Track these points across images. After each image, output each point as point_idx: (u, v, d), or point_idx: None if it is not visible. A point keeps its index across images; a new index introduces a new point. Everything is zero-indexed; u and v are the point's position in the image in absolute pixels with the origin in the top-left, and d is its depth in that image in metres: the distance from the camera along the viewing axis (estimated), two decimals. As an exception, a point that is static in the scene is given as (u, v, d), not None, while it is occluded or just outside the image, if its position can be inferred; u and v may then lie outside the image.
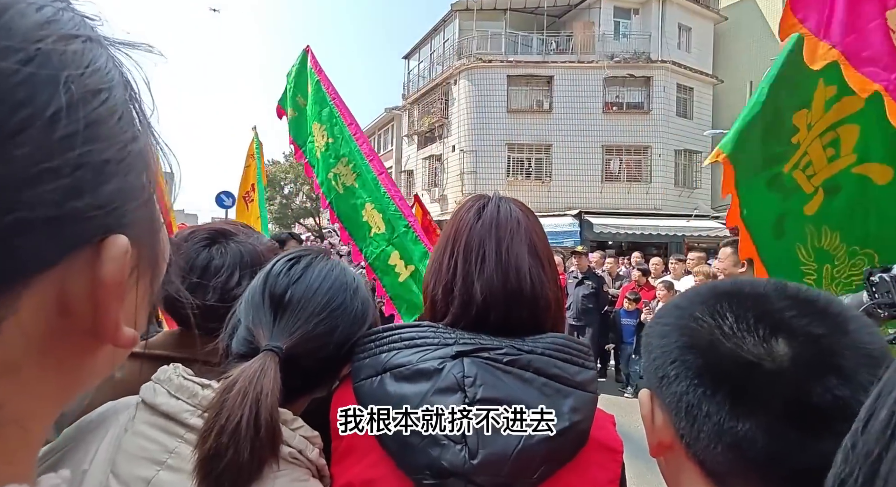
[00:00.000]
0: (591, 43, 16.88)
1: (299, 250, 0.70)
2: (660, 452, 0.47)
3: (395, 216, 2.53)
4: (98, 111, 0.23)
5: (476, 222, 0.69)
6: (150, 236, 0.29)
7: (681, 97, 17.07)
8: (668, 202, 16.49)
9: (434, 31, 19.70)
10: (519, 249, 0.67)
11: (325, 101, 2.77)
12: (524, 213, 0.72)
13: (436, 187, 18.83)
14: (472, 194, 0.77)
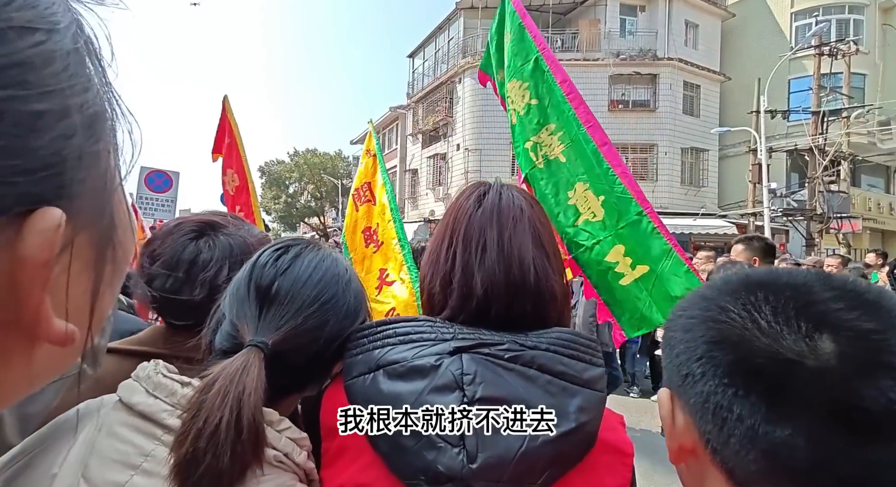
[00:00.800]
0: (596, 40, 16.76)
1: (288, 240, 0.66)
2: (681, 458, 0.42)
3: (624, 200, 1.89)
4: (27, 53, 0.19)
5: (476, 209, 0.65)
6: (101, 215, 0.24)
7: (687, 95, 16.92)
8: (675, 201, 16.36)
9: (439, 29, 19.66)
10: (522, 238, 0.63)
11: (528, 52, 2.16)
12: (527, 201, 0.68)
13: (440, 186, 18.80)
14: (475, 183, 0.72)
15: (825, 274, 0.39)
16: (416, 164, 21.26)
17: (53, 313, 0.22)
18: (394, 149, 24.88)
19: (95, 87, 0.23)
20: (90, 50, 0.23)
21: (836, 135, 13.16)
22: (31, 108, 0.20)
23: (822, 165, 12.75)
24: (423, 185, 20.43)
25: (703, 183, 17.05)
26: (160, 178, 12.31)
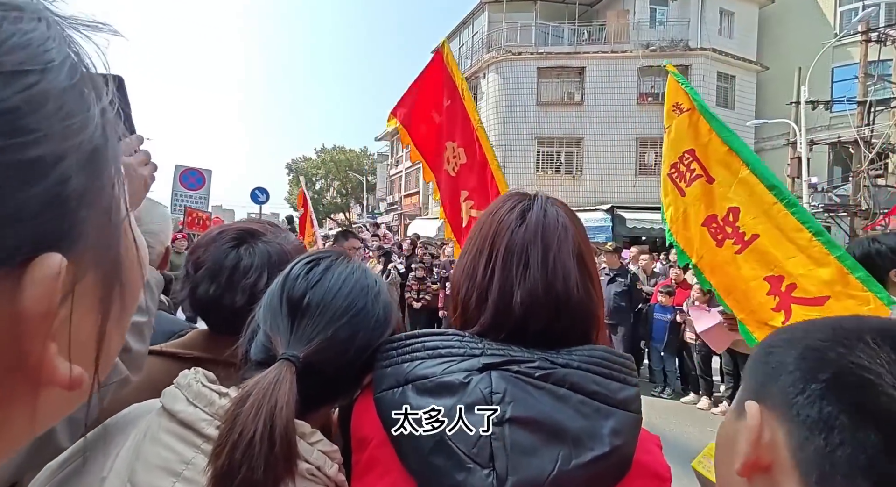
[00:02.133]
0: (625, 32, 16.31)
1: (319, 253, 0.67)
2: (752, 472, 0.41)
3: None
4: (17, 98, 0.18)
5: (519, 225, 0.64)
6: (107, 253, 0.24)
7: (721, 86, 16.29)
8: (707, 196, 15.83)
9: (463, 24, 19.53)
10: (566, 258, 0.62)
11: None
12: (570, 218, 0.66)
13: (464, 182, 18.75)
14: (514, 193, 0.71)
15: None
16: (440, 160, 21.25)
17: (59, 357, 0.21)
18: (418, 145, 24.91)
19: (95, 120, 0.22)
20: (89, 81, 0.22)
21: (883, 126, 12.43)
22: (24, 156, 0.19)
23: (867, 157, 12.07)
24: (447, 181, 20.44)
25: (738, 178, 16.42)
26: (193, 175, 12.72)
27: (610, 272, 5.42)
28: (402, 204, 26.90)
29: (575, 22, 17.11)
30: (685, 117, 2.04)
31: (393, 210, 28.60)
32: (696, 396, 5.00)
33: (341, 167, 33.63)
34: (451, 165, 2.45)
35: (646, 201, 15.55)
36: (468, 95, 2.34)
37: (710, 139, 1.90)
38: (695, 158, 1.93)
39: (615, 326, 5.33)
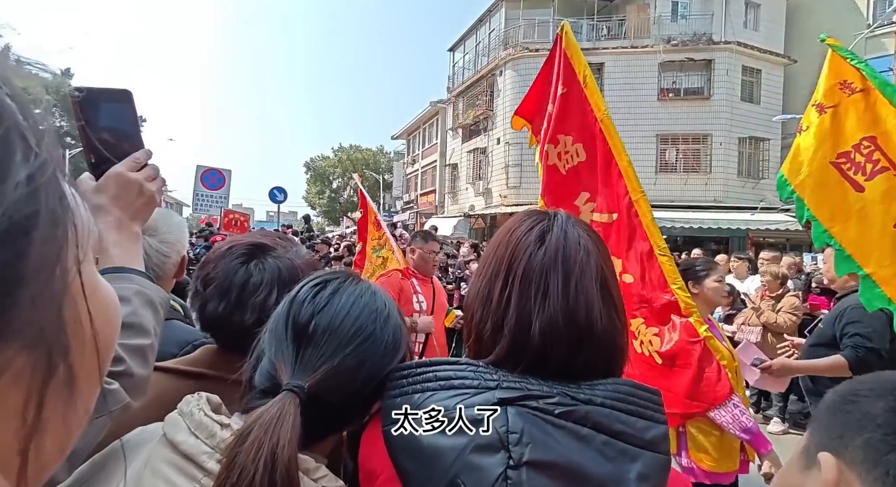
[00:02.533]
0: (645, 26, 15.96)
1: (327, 274, 0.64)
2: None
3: None
4: None
5: (537, 248, 0.59)
6: (41, 332, 0.19)
7: (746, 80, 15.81)
8: (731, 194, 15.41)
9: (479, 21, 19.40)
10: (588, 286, 0.57)
11: None
12: (593, 241, 0.61)
13: (480, 181, 18.66)
14: (532, 212, 0.66)
15: None
16: (457, 158, 21.20)
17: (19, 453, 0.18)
18: (434, 144, 24.92)
19: (23, 184, 0.19)
20: (18, 139, 0.19)
21: (920, 120, 11.89)
22: None
23: (902, 154, 11.55)
24: (463, 179, 20.36)
25: (763, 175, 15.92)
26: (214, 175, 12.95)
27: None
28: (419, 203, 26.94)
29: (594, 17, 16.82)
30: (859, 98, 1.71)
31: (409, 209, 28.67)
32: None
33: (358, 166, 33.84)
34: (562, 163, 2.09)
35: (666, 199, 15.21)
36: (591, 82, 2.01)
37: None
38: (877, 148, 1.61)
39: (635, 329, 5.22)
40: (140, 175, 0.67)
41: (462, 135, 20.51)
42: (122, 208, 0.65)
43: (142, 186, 0.67)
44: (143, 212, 0.68)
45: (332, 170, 34.93)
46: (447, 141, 22.87)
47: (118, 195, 0.65)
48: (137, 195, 0.67)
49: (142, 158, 0.68)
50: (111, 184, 0.65)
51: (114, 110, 0.68)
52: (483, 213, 17.98)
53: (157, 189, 0.69)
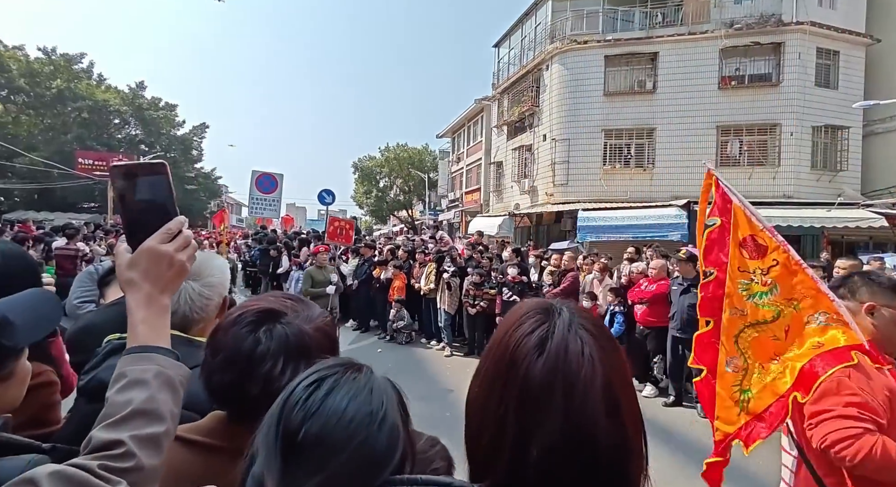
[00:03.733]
0: (704, 10, 14.93)
1: (325, 368, 0.60)
2: None
3: None
4: None
5: (536, 357, 0.52)
6: None
7: (822, 64, 14.40)
8: (803, 188, 14.14)
9: (525, 15, 18.98)
10: (594, 404, 0.50)
11: None
12: (600, 346, 0.53)
13: (525, 179, 18.30)
14: (534, 308, 0.58)
15: None
16: (501, 156, 20.93)
17: None
18: (479, 141, 24.75)
19: None
20: None
21: None
22: None
23: None
24: (508, 177, 20.06)
25: (842, 166, 14.48)
26: (267, 179, 13.57)
27: (683, 282, 4.95)
28: (464, 201, 26.90)
29: (647, 4, 15.95)
30: None
31: (454, 207, 28.71)
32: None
33: (404, 165, 34.29)
34: None
35: (728, 196, 14.21)
36: None
37: None
38: None
39: (689, 340, 4.86)
40: (171, 247, 0.70)
41: (507, 132, 20.20)
42: (152, 282, 0.68)
43: (172, 257, 0.70)
44: (173, 283, 0.71)
45: (378, 170, 35.61)
46: (492, 139, 22.63)
47: (148, 269, 0.69)
48: (167, 267, 0.69)
49: (174, 228, 0.71)
50: (142, 258, 0.69)
51: (149, 183, 0.71)
52: (528, 212, 17.63)
53: (188, 257, 0.72)
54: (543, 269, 6.71)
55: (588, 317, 0.57)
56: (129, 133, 34.05)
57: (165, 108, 35.23)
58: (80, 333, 1.75)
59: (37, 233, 8.93)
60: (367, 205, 37.26)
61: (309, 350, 0.77)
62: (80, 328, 1.76)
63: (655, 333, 5.22)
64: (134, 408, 0.60)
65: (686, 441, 4.22)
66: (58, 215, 25.80)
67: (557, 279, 6.17)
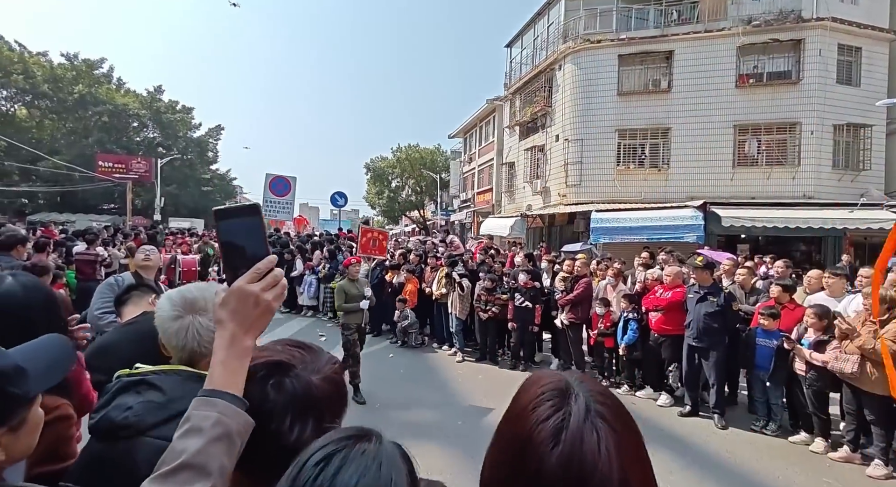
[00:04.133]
0: (721, 7, 14.64)
1: (335, 441, 0.59)
2: None
3: None
4: None
5: (551, 448, 0.51)
6: None
7: (843, 60, 14.01)
8: (824, 189, 13.79)
9: (538, 15, 18.84)
10: None
11: None
12: (616, 438, 0.52)
13: (538, 179, 18.18)
14: (551, 387, 0.57)
15: None
16: (514, 156, 20.82)
17: None
18: (490, 142, 24.66)
19: None
20: None
21: None
22: None
23: None
24: (520, 178, 19.96)
25: (864, 165, 14.09)
26: (281, 182, 13.73)
27: (700, 290, 4.85)
28: (475, 201, 26.83)
29: (662, 2, 15.70)
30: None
31: (466, 207, 28.66)
32: (808, 436, 4.31)
33: (415, 165, 34.34)
34: None
35: (745, 195, 13.93)
36: None
37: None
38: None
39: (706, 349, 4.77)
40: (258, 286, 0.73)
41: (519, 132, 20.09)
42: (238, 322, 0.72)
43: (258, 297, 0.73)
44: (259, 322, 0.74)
45: (390, 170, 35.72)
46: (504, 139, 22.54)
47: (236, 309, 0.72)
48: (254, 307, 0.73)
49: (263, 267, 0.74)
50: (232, 298, 0.73)
51: (243, 224, 0.77)
52: (541, 213, 17.51)
53: (275, 297, 0.75)
54: (556, 274, 6.64)
55: (604, 399, 0.55)
56: (148, 136, 34.75)
57: (182, 111, 35.86)
58: (96, 353, 1.78)
59: (58, 237, 9.15)
60: (380, 205, 37.41)
61: (318, 403, 0.76)
62: (97, 348, 1.79)
63: (671, 341, 5.13)
64: (184, 461, 0.62)
65: (702, 453, 4.13)
66: (79, 217, 26.46)
67: (570, 285, 6.10)
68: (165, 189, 29.74)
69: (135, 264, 3.33)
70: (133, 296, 2.15)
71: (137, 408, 0.94)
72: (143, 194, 31.11)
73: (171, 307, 1.10)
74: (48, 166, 26.91)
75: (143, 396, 0.96)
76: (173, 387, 1.00)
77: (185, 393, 0.99)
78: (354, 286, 5.40)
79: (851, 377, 3.79)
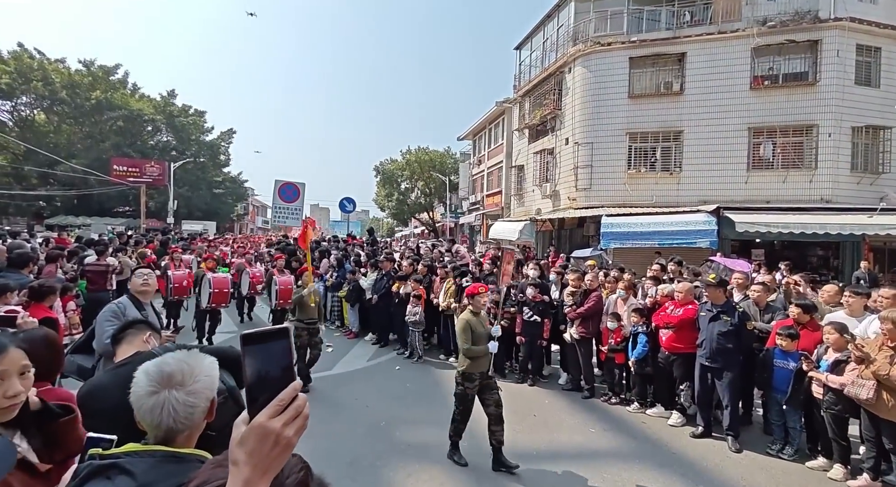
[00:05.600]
0: (735, 8, 14.36)
1: None
2: None
3: None
4: None
5: None
6: None
7: (862, 61, 13.65)
8: (842, 192, 13.46)
9: (547, 17, 18.67)
10: None
11: None
12: None
13: (547, 183, 18.03)
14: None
15: None
16: (523, 159, 20.69)
17: None
18: (500, 144, 24.54)
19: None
20: None
21: None
22: None
23: None
24: (530, 181, 19.81)
25: (884, 169, 13.72)
26: (290, 189, 13.80)
27: (713, 308, 4.73)
28: (485, 204, 26.73)
29: (674, 3, 15.45)
30: None
31: (475, 210, 28.55)
32: (826, 461, 4.17)
33: (425, 168, 34.32)
34: None
35: (760, 199, 13.64)
36: None
37: None
38: None
39: (719, 370, 4.64)
40: (279, 422, 0.68)
41: (528, 135, 19.94)
42: (254, 464, 0.66)
43: (279, 436, 0.67)
44: (276, 463, 0.69)
45: (400, 173, 35.75)
46: (513, 142, 22.40)
47: (255, 449, 0.67)
48: (273, 446, 0.67)
49: (286, 398, 0.69)
50: (251, 437, 0.67)
51: (269, 349, 0.70)
52: (550, 216, 17.35)
53: (296, 430, 0.70)
54: (565, 285, 6.54)
55: None
56: (161, 140, 35.26)
57: (195, 114, 36.30)
58: (88, 395, 1.75)
59: (71, 246, 9.28)
60: (389, 208, 37.47)
61: None
62: (89, 391, 1.77)
63: (682, 359, 5.01)
64: None
65: (717, 480, 4.00)
66: (95, 220, 26.93)
67: (580, 299, 6.00)
68: (178, 192, 30.14)
69: (133, 288, 3.32)
70: (128, 334, 2.13)
71: None
72: (157, 197, 31.58)
73: (148, 381, 1.06)
74: (65, 170, 27.44)
75: (113, 483, 0.92)
76: (146, 471, 0.96)
77: (158, 477, 0.95)
78: (480, 322, 4.18)
79: (867, 403, 3.65)
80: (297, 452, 3.10)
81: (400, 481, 3.76)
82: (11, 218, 29.65)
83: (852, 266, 12.51)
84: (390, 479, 3.79)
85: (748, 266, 8.64)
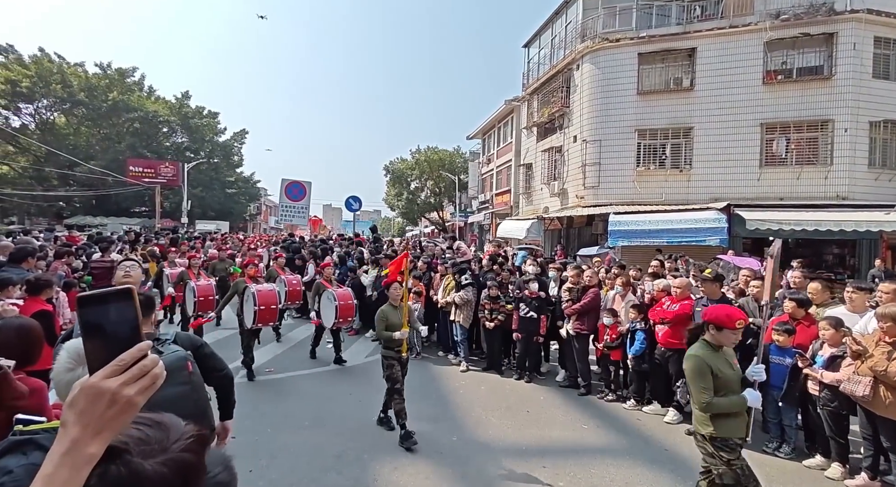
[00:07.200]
0: (747, 2, 14.07)
1: None
2: None
3: None
4: None
5: None
6: None
7: (880, 54, 13.25)
8: (858, 189, 13.08)
9: (556, 14, 18.54)
10: None
11: None
12: None
13: (555, 181, 17.89)
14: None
15: None
16: (531, 158, 20.57)
17: None
18: (508, 143, 24.44)
19: None
20: None
21: None
22: None
23: None
24: (538, 179, 19.69)
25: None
26: (296, 187, 13.97)
27: (708, 303, 4.63)
28: (494, 203, 26.64)
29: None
30: None
31: (485, 209, 28.49)
32: (824, 459, 4.05)
33: (434, 167, 34.36)
34: None
35: (772, 197, 13.34)
36: None
37: None
38: None
39: (715, 366, 4.54)
40: (116, 382, 0.63)
41: (537, 133, 19.82)
42: (84, 425, 0.61)
43: (115, 394, 0.62)
44: (113, 423, 0.63)
45: (409, 172, 35.86)
46: (521, 140, 22.29)
47: (85, 410, 0.62)
48: (107, 406, 0.62)
49: (128, 358, 0.65)
50: (80, 398, 0.62)
51: (110, 311, 0.68)
52: (558, 215, 17.22)
53: (139, 389, 0.65)
54: (564, 282, 6.47)
55: None
56: (176, 141, 35.98)
57: (209, 115, 36.94)
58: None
59: (81, 243, 9.53)
60: (399, 207, 37.62)
61: None
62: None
63: (678, 355, 4.90)
64: None
65: (707, 476, 3.92)
66: (112, 220, 27.61)
67: (577, 296, 5.94)
68: (192, 192, 30.70)
69: (116, 281, 3.39)
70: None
71: (18, 472, 0.90)
72: (172, 197, 32.22)
73: (67, 358, 1.08)
74: (84, 171, 28.18)
75: (27, 458, 0.93)
76: None
77: None
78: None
79: (863, 400, 3.53)
80: (284, 446, 3.18)
81: (386, 474, 3.77)
82: (34, 218, 30.56)
83: (869, 264, 12.15)
84: (376, 472, 3.80)
85: (758, 264, 8.46)
